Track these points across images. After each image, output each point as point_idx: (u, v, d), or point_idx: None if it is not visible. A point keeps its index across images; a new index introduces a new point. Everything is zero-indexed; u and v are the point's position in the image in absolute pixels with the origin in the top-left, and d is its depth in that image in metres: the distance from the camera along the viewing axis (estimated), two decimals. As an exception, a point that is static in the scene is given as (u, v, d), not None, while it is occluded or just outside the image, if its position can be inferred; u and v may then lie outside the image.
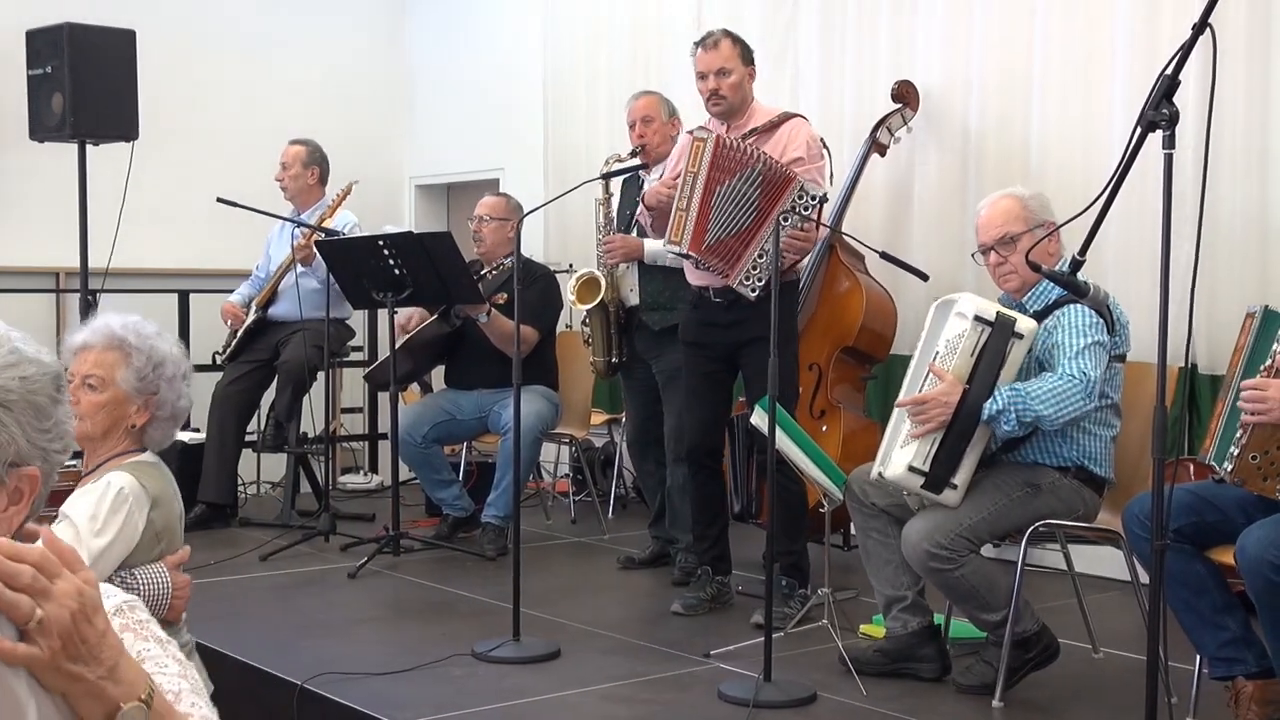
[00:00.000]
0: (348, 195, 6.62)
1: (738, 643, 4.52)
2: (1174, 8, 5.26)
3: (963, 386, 3.85)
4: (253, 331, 6.88)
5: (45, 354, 1.51)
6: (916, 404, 3.91)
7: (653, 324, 5.72)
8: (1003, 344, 3.87)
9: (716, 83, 4.98)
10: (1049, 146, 5.73)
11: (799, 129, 4.99)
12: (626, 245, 5.72)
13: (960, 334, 3.90)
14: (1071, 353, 3.89)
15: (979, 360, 3.87)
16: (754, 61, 5.10)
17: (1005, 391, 3.84)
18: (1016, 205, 4.14)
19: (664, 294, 5.65)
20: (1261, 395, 3.27)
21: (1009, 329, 3.87)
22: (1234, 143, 5.13)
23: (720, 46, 5.01)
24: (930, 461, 3.88)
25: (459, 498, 6.38)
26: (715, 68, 4.98)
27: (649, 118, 5.71)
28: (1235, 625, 3.61)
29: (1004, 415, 3.82)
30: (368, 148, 8.89)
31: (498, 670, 4.34)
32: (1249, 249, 5.15)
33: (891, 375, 5.77)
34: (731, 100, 5.00)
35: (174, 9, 8.29)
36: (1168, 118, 2.67)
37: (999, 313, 3.90)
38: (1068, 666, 4.21)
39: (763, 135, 4.97)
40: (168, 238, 8.05)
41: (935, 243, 6.05)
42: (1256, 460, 3.32)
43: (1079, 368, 3.86)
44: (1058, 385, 3.84)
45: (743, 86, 5.03)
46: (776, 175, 4.71)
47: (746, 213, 4.74)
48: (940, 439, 3.88)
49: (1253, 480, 3.34)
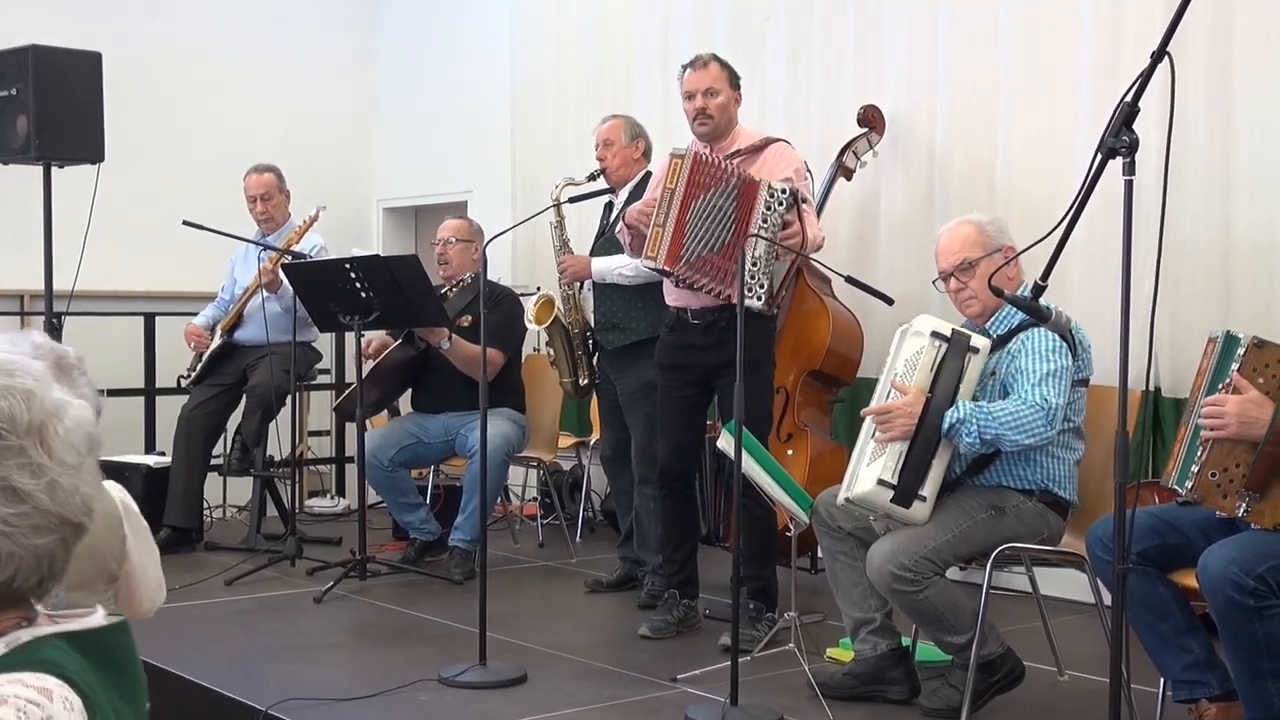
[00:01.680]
0: (316, 220, 6.60)
1: (704, 667, 4.51)
2: (1135, 34, 5.31)
3: (925, 397, 3.89)
4: (218, 355, 6.86)
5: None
6: (881, 412, 3.94)
7: (607, 343, 5.74)
8: (960, 358, 3.92)
9: (704, 102, 5.02)
10: (1013, 171, 5.77)
11: (784, 151, 5.03)
12: (576, 265, 5.76)
13: (918, 351, 3.95)
14: (1035, 379, 3.91)
15: (938, 373, 3.92)
16: (740, 87, 5.14)
17: (967, 406, 3.88)
18: (974, 231, 4.17)
19: (618, 313, 5.66)
20: (1219, 410, 3.30)
21: (965, 344, 3.93)
22: (1196, 169, 5.18)
23: (709, 68, 5.06)
24: (898, 474, 3.90)
25: (426, 521, 6.37)
26: (703, 87, 5.02)
27: (609, 141, 5.74)
28: (1198, 648, 3.63)
29: (965, 425, 3.84)
30: (335, 170, 8.91)
31: (464, 695, 4.32)
32: (1211, 274, 5.19)
33: (858, 398, 5.78)
34: (718, 121, 5.03)
35: (140, 31, 8.28)
36: (1128, 145, 2.69)
37: (954, 330, 3.95)
38: (1033, 689, 4.22)
39: (747, 157, 5.00)
40: (133, 260, 8.03)
41: (901, 266, 6.08)
42: (1215, 477, 3.35)
43: (1041, 395, 3.89)
44: (1020, 410, 3.87)
45: (729, 109, 5.06)
46: (745, 183, 4.73)
47: (724, 226, 4.76)
48: (906, 451, 3.90)
49: (1212, 497, 3.37)
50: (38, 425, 1.29)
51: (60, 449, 1.31)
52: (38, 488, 1.29)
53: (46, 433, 1.30)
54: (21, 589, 1.33)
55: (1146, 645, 3.70)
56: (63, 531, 1.32)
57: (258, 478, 6.89)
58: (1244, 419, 3.27)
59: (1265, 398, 3.29)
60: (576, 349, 5.90)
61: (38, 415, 1.30)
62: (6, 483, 1.28)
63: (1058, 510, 4.08)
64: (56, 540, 1.32)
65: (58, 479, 1.30)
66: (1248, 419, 3.27)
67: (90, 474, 1.34)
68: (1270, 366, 3.31)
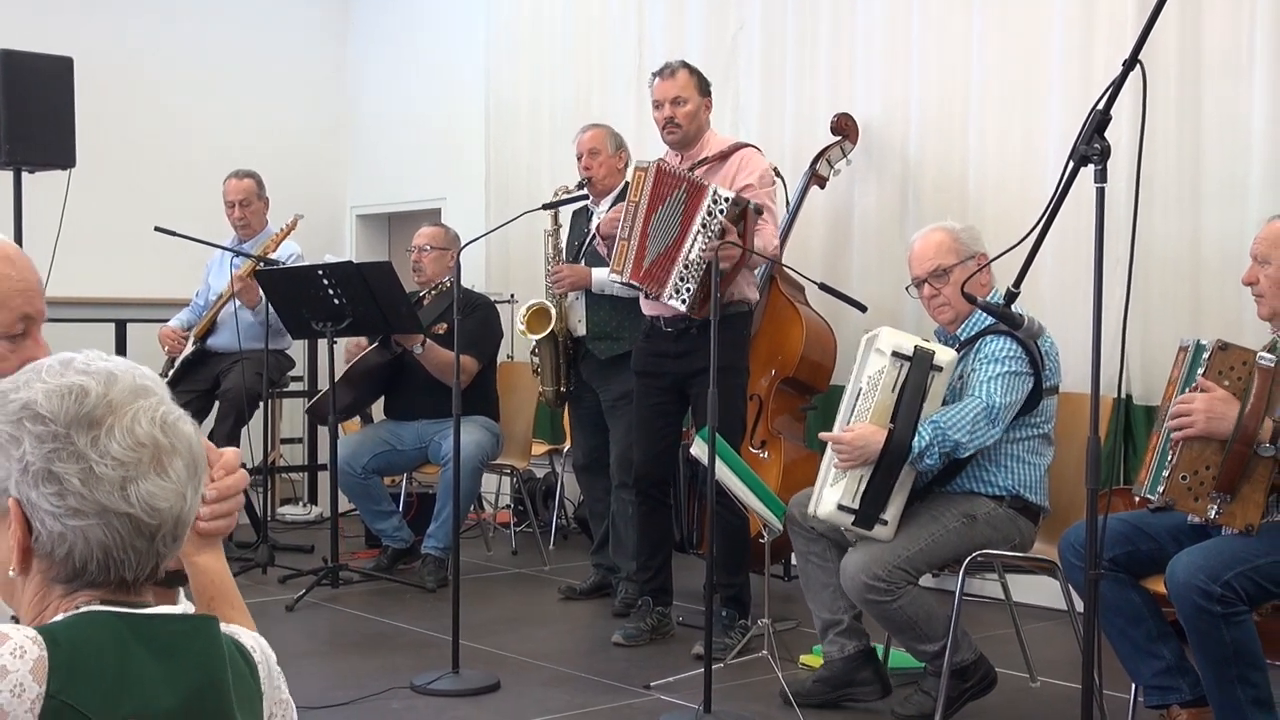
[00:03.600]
0: (293, 229, 6.57)
1: (678, 674, 4.52)
2: (1107, 42, 5.35)
3: (886, 430, 3.87)
4: (191, 362, 6.82)
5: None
6: (836, 442, 3.93)
7: (599, 353, 5.73)
8: (923, 378, 3.88)
9: (672, 110, 5.03)
10: (986, 178, 5.80)
11: (750, 157, 5.03)
12: (575, 275, 5.73)
13: (880, 370, 3.91)
14: (984, 377, 3.95)
15: (900, 397, 3.88)
16: (710, 94, 5.15)
17: (928, 427, 3.87)
18: (948, 238, 4.19)
19: (611, 323, 5.66)
20: (1187, 409, 3.32)
21: (927, 362, 3.89)
22: (1166, 178, 5.22)
23: (677, 76, 5.06)
24: (859, 500, 3.90)
25: (399, 529, 6.35)
26: (671, 96, 5.03)
27: (595, 150, 5.71)
28: (1169, 654, 3.65)
29: (929, 452, 3.86)
30: (308, 176, 8.88)
31: (437, 703, 4.31)
32: (1182, 282, 5.22)
33: (831, 405, 5.78)
34: (687, 129, 5.04)
35: (112, 36, 8.25)
36: (1099, 152, 2.70)
37: (917, 347, 3.90)
38: (1005, 695, 4.24)
39: (714, 164, 5.00)
40: (105, 266, 7.99)
41: (875, 273, 6.10)
42: (1186, 480, 3.36)
43: (987, 392, 3.92)
44: (966, 410, 3.90)
45: (698, 116, 5.07)
46: (694, 187, 4.74)
47: (670, 230, 4.78)
48: (868, 477, 3.90)
49: (1183, 500, 3.38)
50: (86, 418, 1.45)
51: (110, 444, 1.45)
52: (71, 472, 1.44)
53: (99, 427, 1.46)
54: (96, 578, 1.48)
55: (1118, 651, 3.71)
56: (105, 518, 1.45)
57: (229, 485, 6.84)
58: (1211, 415, 3.29)
59: (1232, 396, 3.31)
60: (561, 359, 5.89)
61: (88, 410, 1.46)
62: (48, 467, 1.44)
63: (1028, 515, 4.10)
64: (100, 525, 1.44)
65: (95, 467, 1.44)
66: (1215, 415, 3.29)
67: (163, 477, 1.49)
68: (1235, 368, 3.33)
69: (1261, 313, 3.66)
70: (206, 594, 1.82)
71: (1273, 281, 3.57)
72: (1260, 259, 3.60)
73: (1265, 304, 3.61)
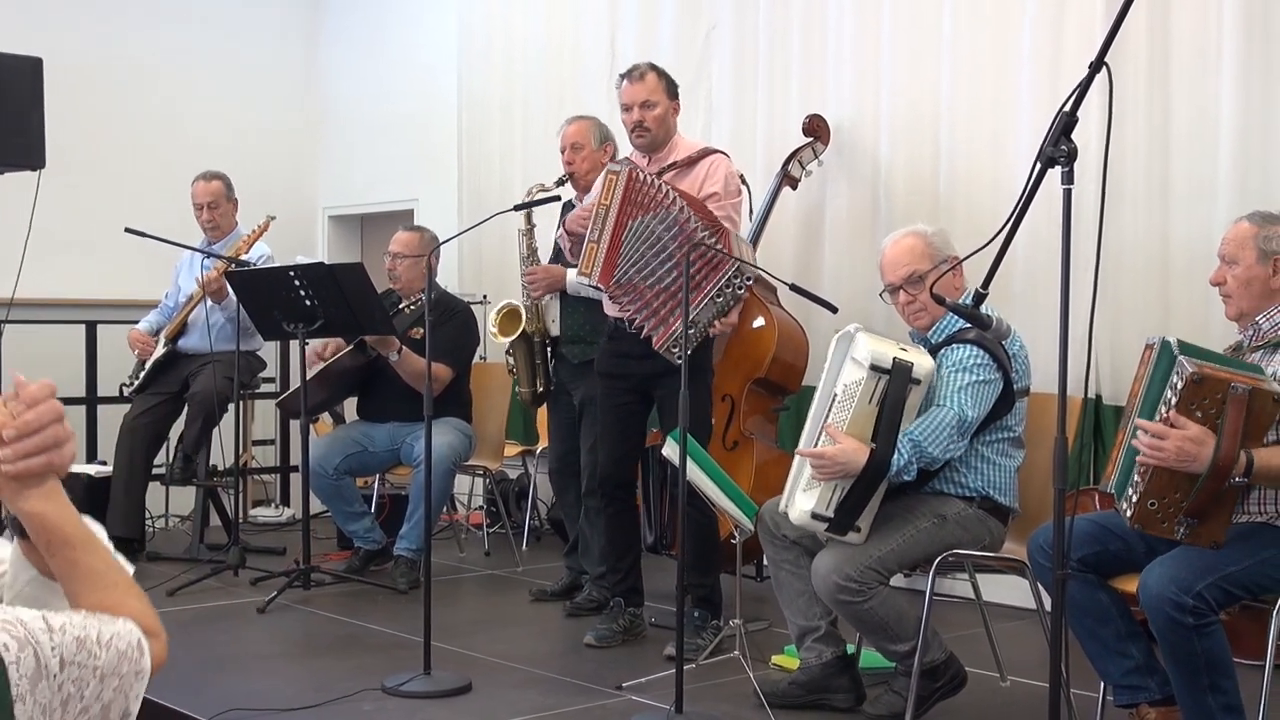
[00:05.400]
0: (265, 230, 6.54)
1: (649, 675, 4.52)
2: (1076, 44, 5.37)
3: (868, 450, 3.84)
4: (162, 364, 6.78)
5: None
6: (816, 458, 3.91)
7: (572, 357, 5.72)
8: (901, 392, 3.85)
9: (640, 115, 5.00)
10: (957, 179, 5.82)
11: (718, 164, 5.00)
12: (549, 276, 5.71)
13: (856, 382, 3.87)
14: (954, 387, 3.94)
15: (881, 413, 3.85)
16: (679, 96, 5.13)
17: (907, 444, 3.86)
18: (920, 243, 4.18)
19: (585, 327, 5.64)
20: (1159, 444, 3.29)
21: (906, 376, 3.85)
22: (1135, 180, 5.25)
23: (645, 79, 5.03)
24: (833, 508, 3.90)
25: (370, 530, 6.33)
26: (640, 100, 5.00)
27: (578, 144, 5.64)
28: (1138, 653, 3.67)
29: (908, 469, 3.87)
30: (280, 178, 8.85)
31: (408, 705, 4.30)
32: (1151, 283, 5.25)
33: (803, 406, 5.76)
34: (655, 133, 5.02)
35: (82, 37, 8.20)
36: (1066, 154, 2.71)
37: (895, 359, 3.86)
38: (976, 695, 4.25)
39: (681, 170, 4.99)
40: (75, 268, 7.95)
41: (846, 274, 6.11)
42: (1154, 506, 3.36)
43: (959, 404, 3.92)
44: (940, 421, 3.90)
45: (666, 120, 5.05)
46: (716, 234, 4.67)
47: (660, 259, 4.72)
48: (847, 490, 3.89)
49: (1152, 525, 3.38)
50: None
51: None
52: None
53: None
54: None
55: (1087, 651, 3.73)
56: None
57: (200, 487, 6.83)
58: (1182, 456, 3.26)
59: (1206, 433, 3.26)
60: (537, 359, 5.88)
61: None
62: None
63: (999, 516, 4.11)
64: None
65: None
66: (1186, 456, 3.25)
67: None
68: (1208, 400, 3.28)
69: (1229, 313, 3.69)
70: (43, 541, 1.68)
71: (1240, 282, 3.60)
72: (1228, 259, 3.63)
73: (1233, 304, 3.64)
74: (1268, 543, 3.43)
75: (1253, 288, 3.59)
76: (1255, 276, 3.59)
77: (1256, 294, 3.59)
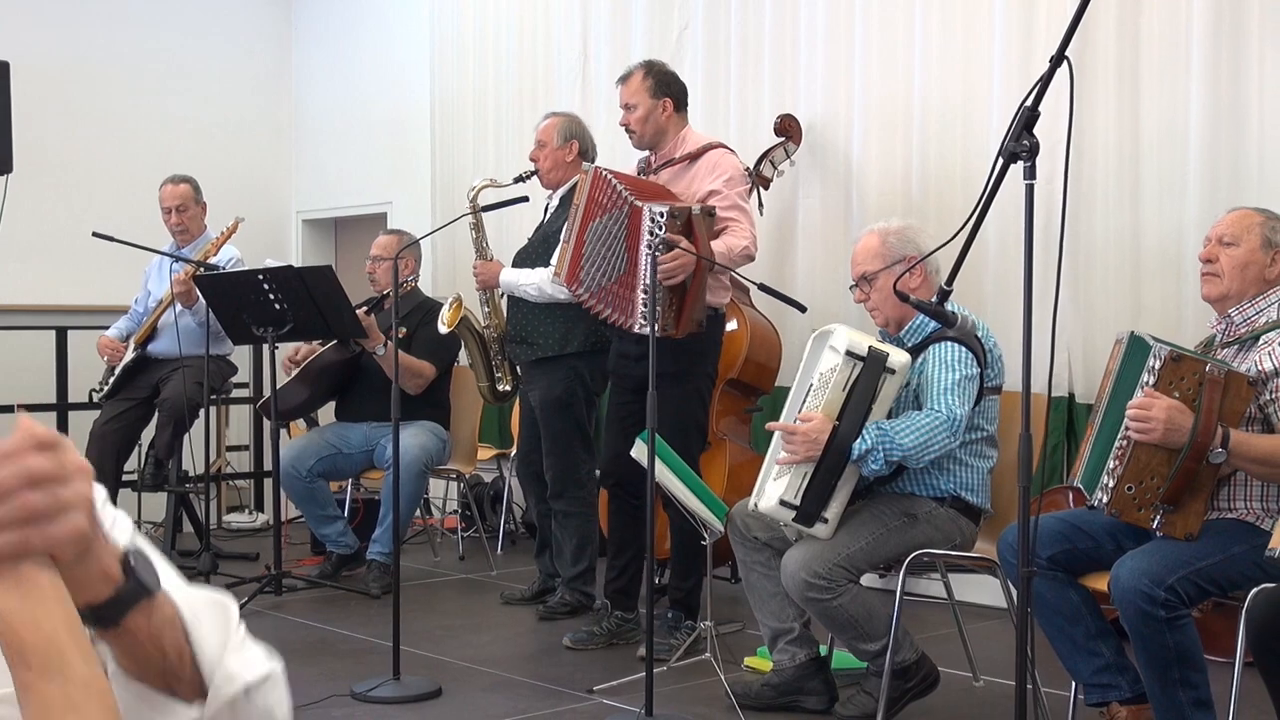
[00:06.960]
0: (234, 232, 6.49)
1: (621, 678, 4.49)
2: (1047, 42, 5.35)
3: (832, 424, 3.84)
4: (132, 369, 6.73)
5: None
6: (787, 433, 3.91)
7: (514, 357, 5.70)
8: (874, 380, 3.84)
9: (625, 117, 5.04)
10: (929, 178, 5.81)
11: (719, 159, 4.98)
12: (485, 272, 5.70)
13: (832, 368, 3.87)
14: (939, 389, 3.91)
15: (849, 396, 3.84)
16: (672, 93, 5.09)
17: (873, 430, 3.83)
18: (876, 242, 4.17)
19: (525, 327, 5.53)
20: (1146, 415, 3.28)
21: (880, 364, 3.83)
22: (1106, 178, 5.24)
23: (629, 82, 5.06)
24: (801, 496, 3.88)
25: (343, 534, 6.29)
26: (623, 102, 5.07)
27: (542, 141, 5.62)
28: (1109, 651, 3.65)
29: (872, 455, 3.82)
30: (253, 181, 8.80)
31: (377, 711, 4.27)
32: (1122, 282, 5.24)
33: (776, 407, 5.78)
34: (641, 133, 5.04)
35: (50, 40, 8.14)
36: (1028, 149, 2.69)
37: (871, 348, 3.85)
38: (948, 695, 4.23)
39: (682, 165, 4.98)
40: (44, 273, 7.90)
41: (819, 274, 6.10)
42: (1131, 491, 3.34)
43: (946, 404, 3.89)
44: (923, 422, 3.87)
45: (652, 119, 5.04)
46: (633, 209, 4.71)
47: (618, 254, 4.73)
48: (810, 474, 3.87)
49: (1128, 511, 3.37)
50: None
51: None
52: None
53: None
54: None
55: (1057, 649, 3.71)
56: None
57: (171, 492, 6.78)
58: (1170, 425, 3.24)
59: (1187, 407, 3.28)
60: (493, 354, 5.85)
61: None
62: None
63: (970, 516, 4.09)
64: None
65: None
66: (1174, 425, 3.24)
67: None
68: (1185, 379, 3.28)
69: (1210, 292, 3.65)
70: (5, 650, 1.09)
71: (1237, 263, 3.57)
72: (1227, 240, 3.59)
73: (1219, 284, 3.60)
74: (1240, 538, 3.42)
75: (1248, 272, 3.57)
76: (1254, 261, 3.57)
77: (1249, 279, 3.57)
